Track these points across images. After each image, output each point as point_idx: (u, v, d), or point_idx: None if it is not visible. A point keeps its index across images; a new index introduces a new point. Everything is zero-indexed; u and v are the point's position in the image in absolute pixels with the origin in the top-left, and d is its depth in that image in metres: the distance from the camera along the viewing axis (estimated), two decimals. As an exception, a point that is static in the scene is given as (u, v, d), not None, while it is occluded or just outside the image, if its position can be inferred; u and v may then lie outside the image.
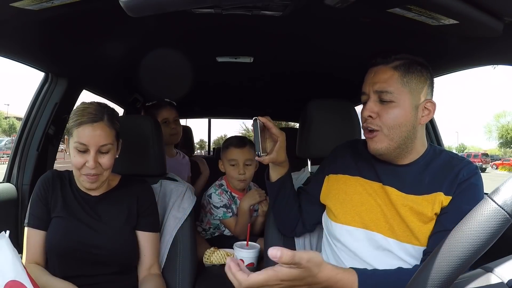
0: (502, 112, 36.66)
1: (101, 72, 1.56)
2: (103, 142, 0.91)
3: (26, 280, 0.63)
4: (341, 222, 0.90)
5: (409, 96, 0.81)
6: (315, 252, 0.68)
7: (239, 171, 1.45)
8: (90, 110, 0.91)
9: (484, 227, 0.35)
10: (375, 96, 0.83)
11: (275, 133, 0.93)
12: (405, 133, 0.82)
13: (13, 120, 33.86)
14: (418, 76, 0.82)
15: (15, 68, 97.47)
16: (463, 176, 0.81)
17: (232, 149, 1.46)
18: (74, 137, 0.90)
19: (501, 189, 0.36)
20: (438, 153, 0.88)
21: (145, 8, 0.62)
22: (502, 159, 30.47)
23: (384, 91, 0.82)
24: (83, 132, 0.89)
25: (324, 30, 1.11)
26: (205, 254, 1.34)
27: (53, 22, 0.91)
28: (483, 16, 0.69)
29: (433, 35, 0.91)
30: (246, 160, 1.45)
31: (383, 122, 0.82)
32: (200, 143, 19.57)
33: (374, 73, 0.85)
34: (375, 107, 0.83)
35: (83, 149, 0.90)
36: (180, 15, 0.83)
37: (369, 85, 0.85)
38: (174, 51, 1.34)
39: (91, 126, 0.90)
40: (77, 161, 0.91)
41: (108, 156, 0.93)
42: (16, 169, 1.36)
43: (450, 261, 0.38)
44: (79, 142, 0.90)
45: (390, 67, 0.83)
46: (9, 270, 0.62)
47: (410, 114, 0.81)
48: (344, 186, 0.94)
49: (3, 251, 0.63)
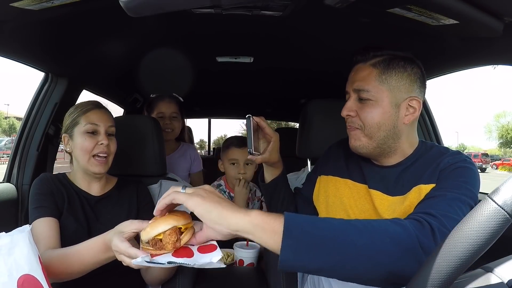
0: (502, 112, 36.71)
1: (101, 72, 1.56)
2: (111, 122, 1.01)
3: (40, 276, 0.64)
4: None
5: (388, 94, 0.78)
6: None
7: (239, 171, 1.45)
8: (87, 103, 1.01)
9: (484, 227, 0.35)
10: (354, 95, 0.82)
11: (269, 133, 0.92)
12: (385, 132, 0.79)
13: (13, 120, 33.85)
14: (399, 72, 0.78)
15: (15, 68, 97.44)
16: (447, 162, 0.75)
17: (233, 149, 1.46)
18: (82, 123, 0.97)
19: (501, 189, 0.36)
20: (428, 149, 0.83)
21: (145, 8, 0.62)
22: (502, 159, 30.48)
23: (361, 90, 0.80)
24: (93, 115, 0.98)
25: (324, 30, 1.11)
26: (205, 254, 1.34)
27: (53, 22, 0.91)
28: (483, 16, 0.69)
29: (433, 35, 0.91)
30: (247, 159, 1.45)
31: (362, 120, 0.81)
32: (200, 143, 19.58)
33: (354, 72, 0.83)
34: (354, 106, 0.82)
35: (94, 130, 0.97)
36: (180, 15, 0.83)
37: (349, 84, 0.83)
38: (174, 51, 1.34)
39: (99, 110, 1.00)
40: (88, 144, 0.96)
41: (113, 139, 1.01)
42: (16, 169, 1.36)
43: (450, 261, 0.38)
44: (91, 123, 0.97)
45: (369, 64, 0.80)
46: (24, 264, 0.63)
47: (389, 113, 0.78)
48: (334, 189, 0.92)
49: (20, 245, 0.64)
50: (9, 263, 0.62)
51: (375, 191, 0.83)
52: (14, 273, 0.61)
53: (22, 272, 0.62)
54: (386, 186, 0.82)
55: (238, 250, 1.27)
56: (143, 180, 1.21)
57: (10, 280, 0.60)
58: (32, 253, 0.64)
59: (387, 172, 0.83)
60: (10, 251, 0.63)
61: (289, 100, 2.38)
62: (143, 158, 1.21)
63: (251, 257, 1.26)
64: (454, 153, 0.79)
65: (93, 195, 1.02)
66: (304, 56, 1.42)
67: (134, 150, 1.18)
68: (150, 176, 1.23)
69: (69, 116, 1.01)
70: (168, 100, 1.66)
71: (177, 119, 1.66)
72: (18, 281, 0.61)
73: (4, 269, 0.60)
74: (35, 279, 0.63)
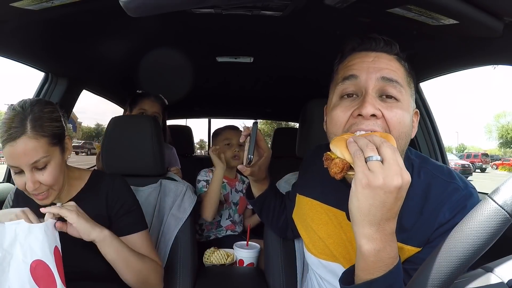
0: (502, 112, 36.75)
1: (101, 72, 1.56)
2: (33, 158, 0.76)
3: (52, 264, 0.69)
4: (312, 253, 0.80)
5: (411, 100, 0.65)
6: None
7: (233, 149, 1.58)
8: (10, 123, 0.75)
9: (484, 227, 0.35)
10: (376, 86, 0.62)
11: (263, 147, 0.87)
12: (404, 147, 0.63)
13: (13, 120, 33.74)
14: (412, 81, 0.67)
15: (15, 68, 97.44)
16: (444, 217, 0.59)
17: (227, 130, 1.62)
18: (4, 153, 0.77)
19: (501, 189, 0.36)
20: (416, 173, 0.66)
21: (145, 8, 0.62)
22: (502, 159, 30.47)
23: (393, 80, 0.61)
24: (8, 152, 0.76)
25: (324, 30, 1.11)
26: (205, 254, 1.34)
27: (53, 22, 0.91)
28: (483, 16, 0.69)
29: (433, 35, 0.90)
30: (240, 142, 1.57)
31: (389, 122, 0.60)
32: (200, 143, 19.57)
33: (374, 58, 0.64)
34: (377, 104, 0.61)
35: (17, 171, 0.78)
36: (180, 15, 0.83)
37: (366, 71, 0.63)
38: (174, 51, 1.34)
39: (14, 145, 0.75)
40: (17, 184, 0.79)
41: (48, 171, 0.79)
42: (16, 169, 1.36)
43: (450, 261, 0.38)
44: (8, 165, 0.78)
45: (394, 57, 0.65)
46: (38, 250, 0.69)
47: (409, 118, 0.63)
48: (310, 212, 0.80)
49: (36, 233, 0.69)
50: (25, 248, 0.68)
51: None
52: (28, 256, 0.67)
53: (35, 257, 0.68)
54: None
55: (238, 250, 1.27)
56: (142, 180, 1.21)
57: (24, 262, 0.67)
58: (47, 243, 0.70)
59: None
60: (27, 237, 0.68)
61: (289, 100, 2.37)
62: (142, 158, 1.21)
63: (251, 257, 1.26)
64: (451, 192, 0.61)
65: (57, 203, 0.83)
66: (304, 56, 1.42)
67: (134, 150, 1.18)
68: (150, 176, 1.23)
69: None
70: (153, 99, 1.66)
71: (159, 119, 1.65)
72: (31, 264, 0.67)
73: (20, 252, 0.67)
74: (46, 266, 0.69)
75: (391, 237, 0.51)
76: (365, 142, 0.50)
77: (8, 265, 0.66)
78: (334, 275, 0.75)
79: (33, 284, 0.67)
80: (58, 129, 0.82)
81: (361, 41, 0.67)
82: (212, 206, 1.44)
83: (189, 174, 1.68)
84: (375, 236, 0.49)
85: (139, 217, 0.94)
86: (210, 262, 1.31)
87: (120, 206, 0.91)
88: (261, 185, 0.98)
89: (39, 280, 0.68)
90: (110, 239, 0.80)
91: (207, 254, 1.34)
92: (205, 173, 1.59)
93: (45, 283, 0.68)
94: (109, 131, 1.17)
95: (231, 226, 1.61)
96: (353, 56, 0.67)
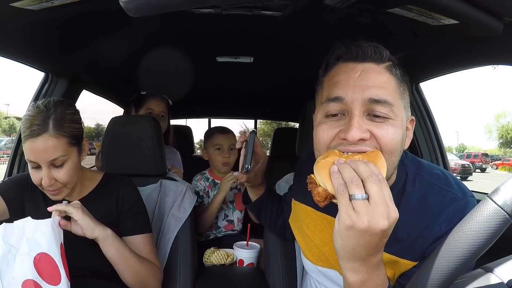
0: (502, 112, 36.75)
1: (101, 72, 1.56)
2: (52, 156, 0.80)
3: (57, 257, 0.72)
4: (308, 259, 0.80)
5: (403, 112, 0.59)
6: None
7: (224, 155, 1.55)
8: (33, 120, 0.79)
9: (484, 227, 0.35)
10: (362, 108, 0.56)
11: (260, 154, 0.87)
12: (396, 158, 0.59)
13: (13, 120, 33.84)
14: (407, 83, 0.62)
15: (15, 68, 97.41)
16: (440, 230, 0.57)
17: (218, 135, 1.57)
18: (25, 150, 0.81)
19: (501, 189, 0.36)
20: (411, 181, 0.64)
21: (145, 8, 0.62)
22: (502, 159, 30.46)
23: (382, 101, 0.55)
24: (29, 148, 0.79)
25: (324, 30, 1.11)
26: (205, 254, 1.34)
27: (53, 22, 0.91)
28: (483, 16, 0.69)
29: (433, 35, 0.90)
30: (230, 144, 1.56)
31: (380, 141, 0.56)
32: (200, 143, 19.56)
33: (361, 73, 0.58)
34: (365, 125, 0.56)
35: (35, 166, 0.81)
36: (180, 15, 0.83)
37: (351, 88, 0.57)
38: (174, 51, 1.34)
39: (35, 141, 0.78)
40: (34, 178, 0.83)
41: (64, 169, 0.82)
42: (16, 169, 1.36)
43: (449, 261, 0.38)
44: (27, 159, 0.81)
45: (384, 67, 0.58)
46: (44, 244, 0.71)
47: (401, 135, 0.58)
48: (305, 219, 0.80)
49: (43, 229, 0.72)
50: (31, 242, 0.70)
51: None
52: (33, 250, 0.70)
53: (40, 250, 0.70)
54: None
55: (238, 250, 1.27)
56: (142, 180, 1.21)
57: (28, 255, 0.69)
58: (53, 238, 0.72)
59: None
60: (34, 233, 0.71)
61: (289, 100, 2.38)
62: (143, 158, 1.21)
63: (251, 257, 1.26)
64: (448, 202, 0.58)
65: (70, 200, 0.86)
66: (304, 56, 1.42)
67: (134, 150, 1.18)
68: (150, 176, 1.23)
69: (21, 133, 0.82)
70: (159, 99, 1.69)
71: (164, 119, 1.69)
72: (35, 257, 0.69)
73: (26, 245, 0.69)
74: (51, 259, 0.71)
75: (377, 267, 0.50)
76: (350, 176, 0.46)
77: (13, 258, 0.68)
78: (331, 281, 0.75)
79: (36, 276, 0.68)
80: (78, 130, 0.86)
81: (346, 50, 0.60)
82: (208, 224, 1.48)
83: (189, 174, 1.68)
84: (361, 268, 0.49)
85: (144, 221, 0.98)
86: (210, 262, 1.31)
87: (128, 207, 0.95)
88: (257, 190, 0.98)
89: (42, 272, 0.69)
90: (112, 238, 0.84)
91: (207, 254, 1.34)
92: (196, 183, 1.58)
93: (49, 275, 0.70)
94: (109, 131, 1.17)
95: (229, 225, 1.61)
96: (338, 67, 0.61)
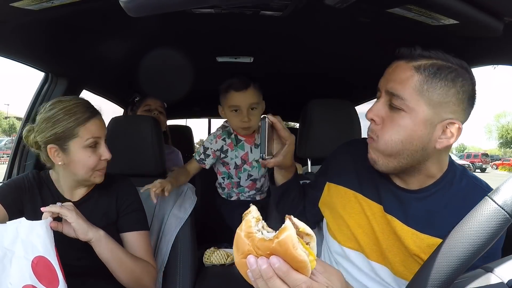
0: (502, 112, 36.79)
1: (101, 72, 1.56)
2: (106, 129, 0.93)
3: (53, 259, 0.71)
4: (337, 240, 0.82)
5: (426, 109, 0.64)
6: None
7: (242, 118, 1.24)
8: (85, 104, 0.89)
9: (484, 227, 0.35)
10: (386, 97, 0.68)
11: (284, 136, 0.84)
12: (410, 152, 0.66)
13: (13, 120, 33.84)
14: (446, 86, 0.63)
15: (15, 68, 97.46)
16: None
17: (233, 93, 1.23)
18: (83, 136, 0.86)
19: (501, 189, 0.36)
20: (458, 178, 0.70)
21: (145, 8, 0.62)
22: (502, 159, 30.47)
23: (395, 95, 0.65)
24: (93, 126, 0.88)
25: (324, 30, 1.11)
26: (205, 254, 1.34)
27: (53, 22, 0.91)
28: (483, 16, 0.69)
29: (433, 35, 0.90)
30: (250, 104, 1.25)
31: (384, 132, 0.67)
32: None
33: (392, 69, 0.68)
34: (382, 111, 0.68)
35: (95, 143, 0.88)
36: (180, 15, 0.83)
37: (383, 81, 0.69)
38: (174, 51, 1.34)
39: (98, 118, 0.90)
40: (93, 160, 0.88)
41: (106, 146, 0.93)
42: (16, 169, 1.36)
43: (450, 261, 0.38)
44: (94, 137, 0.87)
45: (412, 65, 0.65)
46: (40, 247, 0.70)
47: (420, 132, 0.64)
48: (342, 201, 0.82)
49: (38, 230, 0.71)
50: (26, 244, 0.69)
51: (392, 217, 0.72)
52: (29, 253, 0.69)
53: (37, 253, 0.69)
54: (404, 214, 0.71)
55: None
56: (142, 180, 1.21)
57: (25, 258, 0.68)
58: (48, 239, 0.71)
59: (407, 198, 0.71)
60: (28, 235, 0.70)
61: (289, 100, 2.37)
62: (142, 158, 1.21)
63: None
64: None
65: (72, 200, 0.92)
66: (304, 56, 1.42)
67: (134, 150, 1.18)
68: (150, 176, 1.23)
69: (55, 124, 0.84)
70: (153, 96, 1.76)
71: (163, 114, 1.74)
72: (33, 260, 0.68)
73: (21, 248, 0.68)
74: (48, 262, 0.70)
75: None
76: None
77: (9, 262, 0.67)
78: (352, 263, 0.78)
79: (34, 280, 0.68)
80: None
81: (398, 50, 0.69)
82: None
83: (189, 174, 1.68)
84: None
85: (141, 219, 0.99)
86: (210, 262, 1.31)
87: (127, 205, 0.97)
88: (286, 173, 0.93)
89: (40, 276, 0.69)
90: (105, 239, 0.84)
91: (207, 254, 1.34)
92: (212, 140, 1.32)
93: (47, 278, 0.69)
94: (109, 131, 1.17)
95: (253, 185, 1.42)
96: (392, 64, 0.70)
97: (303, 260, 0.40)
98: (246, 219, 0.45)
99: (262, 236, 0.42)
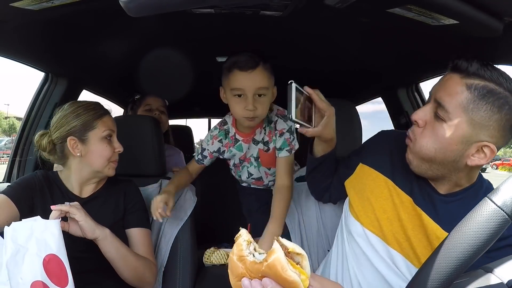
0: (502, 112, 36.58)
1: (101, 72, 1.56)
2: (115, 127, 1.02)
3: (65, 258, 0.73)
4: (360, 222, 0.84)
5: (465, 126, 0.66)
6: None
7: (246, 106, 0.98)
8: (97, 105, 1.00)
9: (483, 228, 0.35)
10: (434, 105, 0.71)
11: (322, 108, 0.82)
12: (441, 161, 0.70)
13: (13, 120, 33.84)
14: (491, 111, 0.64)
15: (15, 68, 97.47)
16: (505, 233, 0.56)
17: (237, 73, 0.98)
18: (100, 128, 0.96)
19: (501, 190, 0.36)
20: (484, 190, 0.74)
21: (145, 8, 0.62)
22: (502, 159, 30.46)
23: (441, 105, 0.68)
24: (109, 121, 0.99)
25: (324, 30, 1.11)
26: (205, 254, 1.34)
27: (53, 22, 0.91)
28: (483, 16, 0.69)
29: (433, 35, 0.90)
30: (257, 89, 0.99)
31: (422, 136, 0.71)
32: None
33: (446, 79, 0.71)
34: (427, 116, 0.71)
35: (109, 136, 0.98)
36: (180, 15, 0.83)
37: (435, 89, 0.72)
38: (174, 51, 1.34)
39: (110, 115, 1.01)
40: (109, 152, 0.97)
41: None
42: (16, 169, 1.36)
43: (449, 262, 0.38)
44: (109, 129, 0.98)
45: (465, 82, 0.67)
46: (53, 245, 0.72)
47: (455, 145, 0.67)
48: (372, 184, 0.85)
49: (52, 229, 0.73)
50: (40, 242, 0.71)
51: (421, 211, 0.75)
52: (42, 250, 0.70)
53: (49, 251, 0.71)
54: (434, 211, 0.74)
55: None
56: (142, 180, 1.21)
57: (38, 256, 0.69)
58: (61, 238, 0.74)
59: (436, 198, 0.75)
60: (43, 233, 0.72)
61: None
62: (142, 158, 1.21)
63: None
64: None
65: (81, 197, 0.99)
66: (304, 56, 1.42)
67: (134, 150, 1.18)
68: (150, 176, 1.23)
69: (76, 117, 0.94)
70: (155, 95, 1.72)
71: (164, 114, 1.71)
72: (44, 258, 0.70)
73: (35, 246, 0.70)
74: (60, 260, 0.72)
75: None
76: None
77: (22, 258, 0.68)
78: (370, 246, 0.81)
79: (44, 277, 0.68)
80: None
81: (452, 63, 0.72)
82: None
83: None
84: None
85: (144, 218, 1.05)
86: (210, 262, 1.32)
87: (133, 203, 1.04)
88: (325, 145, 0.92)
89: (51, 274, 0.70)
90: (110, 237, 0.88)
91: (207, 254, 1.34)
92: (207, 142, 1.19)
93: (57, 276, 0.71)
94: (109, 131, 1.17)
95: (258, 182, 1.30)
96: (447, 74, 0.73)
97: (294, 281, 0.41)
98: (237, 243, 0.46)
99: (254, 259, 0.44)
